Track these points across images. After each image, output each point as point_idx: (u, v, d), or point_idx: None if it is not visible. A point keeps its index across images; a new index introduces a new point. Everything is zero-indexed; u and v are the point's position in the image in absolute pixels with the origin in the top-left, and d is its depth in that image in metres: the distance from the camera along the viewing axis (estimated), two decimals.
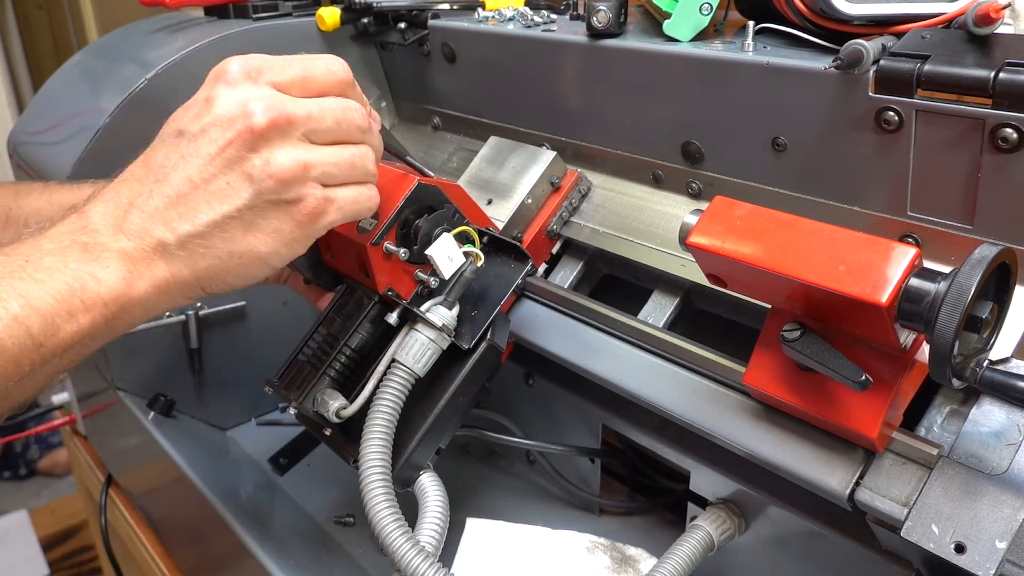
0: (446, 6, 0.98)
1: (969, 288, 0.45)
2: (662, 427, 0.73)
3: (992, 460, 0.51)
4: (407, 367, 0.66)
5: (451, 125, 1.00)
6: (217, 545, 0.88)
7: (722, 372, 0.63)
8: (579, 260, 0.83)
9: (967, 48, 0.56)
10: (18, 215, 0.79)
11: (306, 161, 0.55)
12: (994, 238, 0.56)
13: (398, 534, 0.60)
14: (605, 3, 0.75)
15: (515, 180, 0.83)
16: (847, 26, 0.64)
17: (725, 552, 0.68)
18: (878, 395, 0.52)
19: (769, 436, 0.59)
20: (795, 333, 0.53)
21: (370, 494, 0.62)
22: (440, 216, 0.70)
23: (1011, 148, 0.53)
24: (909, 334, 0.51)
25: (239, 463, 1.00)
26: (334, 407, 0.69)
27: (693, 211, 0.58)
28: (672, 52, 0.72)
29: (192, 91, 0.58)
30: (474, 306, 0.71)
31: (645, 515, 0.88)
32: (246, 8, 1.01)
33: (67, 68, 1.14)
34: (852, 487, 0.54)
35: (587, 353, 0.72)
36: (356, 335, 0.73)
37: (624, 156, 0.81)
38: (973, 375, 0.48)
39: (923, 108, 0.57)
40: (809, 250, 0.51)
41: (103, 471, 1.22)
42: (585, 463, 0.87)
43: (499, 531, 0.81)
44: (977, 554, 0.48)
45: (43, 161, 1.02)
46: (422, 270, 0.70)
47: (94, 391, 1.12)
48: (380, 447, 0.63)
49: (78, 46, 2.83)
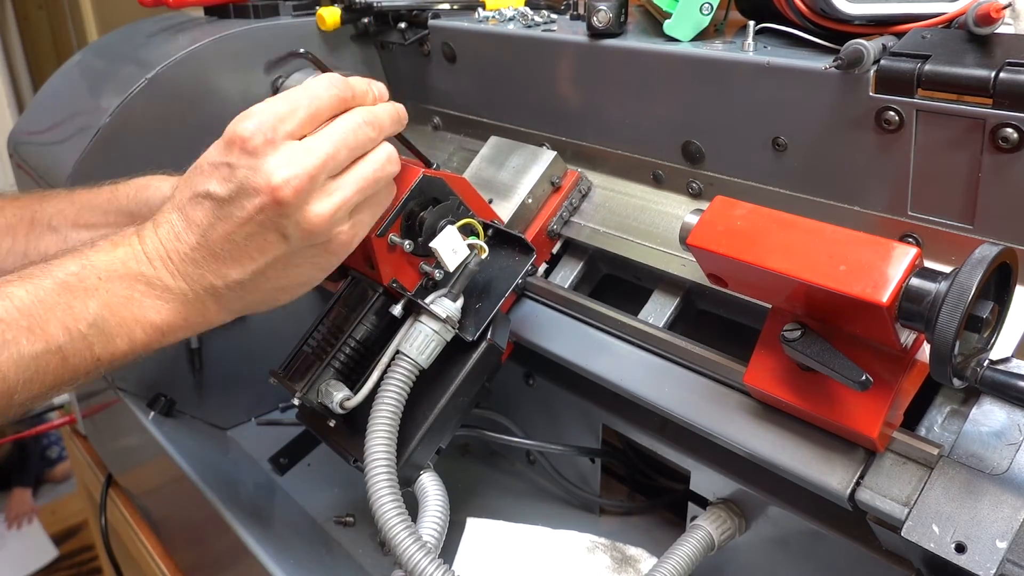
0: (446, 6, 0.98)
1: (970, 288, 0.45)
2: (662, 427, 0.73)
3: (992, 460, 0.51)
4: (411, 358, 0.66)
5: (451, 125, 1.00)
6: (217, 545, 0.88)
7: (722, 372, 0.63)
8: (579, 260, 0.83)
9: (967, 48, 0.56)
10: (42, 216, 0.82)
11: (334, 209, 0.59)
12: (994, 238, 0.56)
13: (401, 528, 0.60)
14: (605, 3, 0.75)
15: (515, 180, 0.83)
16: (847, 26, 0.64)
17: (725, 552, 0.68)
18: (878, 395, 0.52)
19: (769, 436, 0.59)
20: (795, 333, 0.53)
21: (375, 487, 0.62)
22: (445, 208, 0.70)
23: (1011, 148, 0.53)
24: (909, 334, 0.51)
25: (239, 463, 1.00)
26: (338, 398, 0.69)
27: (693, 211, 0.58)
28: (672, 52, 0.72)
29: (192, 91, 0.58)
30: (478, 298, 0.71)
31: (645, 515, 0.88)
32: (246, 8, 1.01)
33: (67, 68, 1.14)
34: (852, 487, 0.54)
35: (587, 353, 0.72)
36: (361, 327, 0.74)
37: (624, 156, 0.81)
38: (974, 375, 0.48)
39: (923, 108, 0.57)
40: (809, 250, 0.51)
41: (103, 471, 1.23)
42: (585, 463, 0.87)
43: (499, 531, 0.81)
44: (977, 554, 0.48)
45: (43, 161, 1.02)
46: (427, 262, 0.71)
47: (94, 391, 1.12)
48: (385, 438, 0.64)
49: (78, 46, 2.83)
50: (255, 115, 0.58)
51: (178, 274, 0.59)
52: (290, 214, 0.57)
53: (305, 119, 0.59)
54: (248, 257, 0.59)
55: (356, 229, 0.62)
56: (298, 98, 0.59)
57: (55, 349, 0.54)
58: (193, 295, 0.60)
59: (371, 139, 0.61)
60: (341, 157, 0.59)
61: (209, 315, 0.61)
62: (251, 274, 0.60)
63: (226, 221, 0.58)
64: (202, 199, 0.59)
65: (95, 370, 0.57)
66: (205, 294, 0.60)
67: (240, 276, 0.59)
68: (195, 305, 0.60)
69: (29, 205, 0.83)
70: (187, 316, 0.60)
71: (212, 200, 0.58)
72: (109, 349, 0.57)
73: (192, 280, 0.59)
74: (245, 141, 0.57)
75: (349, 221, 0.61)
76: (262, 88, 0.96)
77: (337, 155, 0.59)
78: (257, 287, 0.61)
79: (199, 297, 0.60)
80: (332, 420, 0.71)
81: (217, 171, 0.58)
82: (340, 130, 0.60)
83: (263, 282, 0.61)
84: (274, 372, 0.77)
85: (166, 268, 0.59)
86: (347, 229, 0.61)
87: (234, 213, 0.58)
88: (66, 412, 1.36)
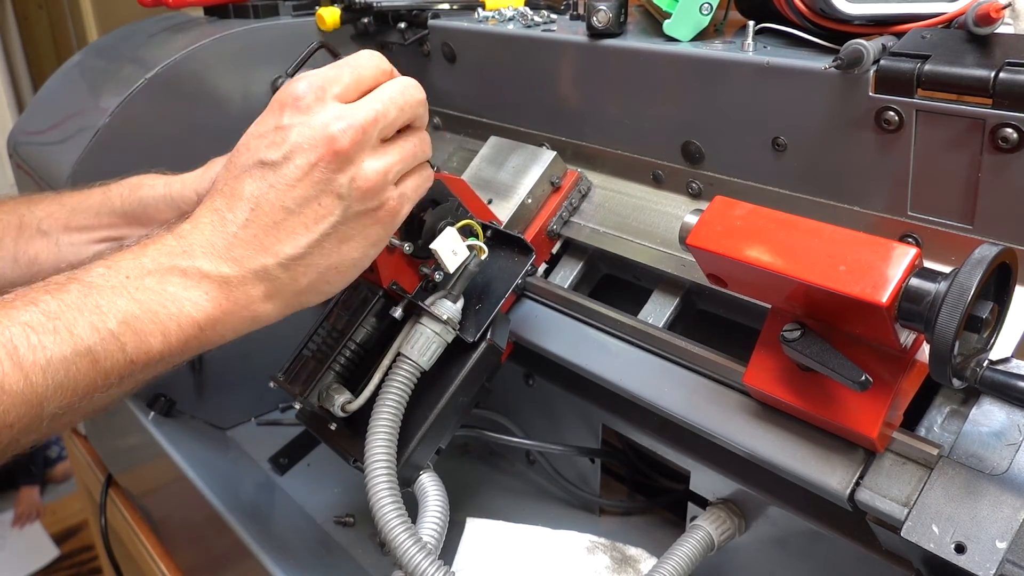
0: (446, 6, 0.98)
1: (969, 288, 0.45)
2: (662, 427, 0.72)
3: (992, 460, 0.51)
4: (412, 360, 0.66)
5: (451, 125, 1.00)
6: (217, 545, 0.88)
7: (722, 372, 0.63)
8: (579, 260, 0.83)
9: (967, 48, 0.56)
10: (31, 220, 0.80)
11: (385, 169, 0.58)
12: (994, 238, 0.56)
13: (401, 528, 0.60)
14: (605, 3, 0.75)
15: (515, 180, 0.83)
16: (847, 26, 0.64)
17: (725, 552, 0.68)
18: (878, 395, 0.52)
19: (769, 436, 0.59)
20: (795, 333, 0.53)
21: (375, 488, 0.62)
22: (444, 210, 0.70)
23: (1011, 148, 0.53)
24: (909, 334, 0.51)
25: (239, 463, 1.00)
26: (339, 401, 0.69)
27: (693, 211, 0.58)
28: (672, 52, 0.72)
29: (192, 91, 0.58)
30: (478, 300, 0.71)
31: (645, 515, 0.88)
32: (246, 8, 1.01)
33: (67, 68, 1.14)
34: (852, 487, 0.54)
35: (587, 353, 0.72)
36: (361, 329, 0.74)
37: (624, 156, 0.81)
38: (973, 375, 0.48)
39: (923, 108, 0.57)
40: (809, 250, 0.51)
41: (103, 471, 1.23)
42: (585, 463, 0.87)
43: (499, 531, 0.81)
44: (977, 554, 0.48)
45: (43, 161, 1.02)
46: (426, 264, 0.71)
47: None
48: (386, 440, 0.64)
49: (78, 46, 2.83)
50: (304, 78, 0.58)
51: (223, 259, 0.56)
52: (346, 168, 0.56)
53: (351, 83, 0.58)
54: (303, 226, 0.57)
55: (402, 200, 0.61)
56: (343, 66, 0.59)
57: (84, 351, 0.51)
58: (239, 279, 0.56)
59: (418, 103, 0.61)
60: (391, 116, 0.59)
61: (254, 306, 0.57)
62: (305, 247, 0.57)
63: (279, 186, 0.56)
64: (252, 169, 0.57)
65: (129, 374, 0.53)
66: (254, 277, 0.56)
67: (294, 250, 0.57)
68: (239, 292, 0.56)
69: (16, 209, 0.80)
70: (229, 307, 0.56)
71: (263, 167, 0.57)
72: (143, 349, 0.53)
73: (240, 263, 0.56)
74: (297, 99, 0.57)
75: (397, 189, 0.60)
76: (262, 88, 0.96)
77: (387, 113, 0.58)
78: (312, 265, 0.58)
79: (245, 281, 0.56)
80: (333, 423, 0.71)
81: (265, 139, 0.57)
82: (389, 92, 0.59)
83: (318, 257, 0.58)
84: (275, 377, 0.77)
85: (207, 257, 0.56)
86: (395, 196, 0.60)
87: (288, 174, 0.56)
88: None
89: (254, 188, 0.57)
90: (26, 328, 0.49)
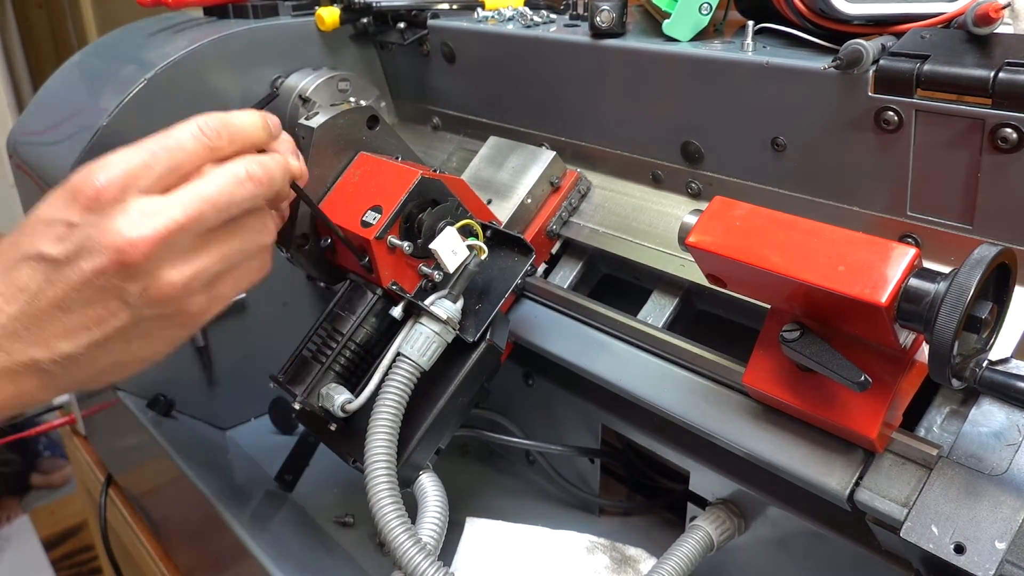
0: (446, 6, 0.98)
1: (969, 288, 0.45)
2: (662, 427, 0.72)
3: (992, 460, 0.51)
4: (412, 360, 0.66)
5: (451, 125, 1.00)
6: (217, 545, 0.88)
7: (722, 372, 0.63)
8: (579, 260, 0.83)
9: (967, 48, 0.56)
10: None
11: (191, 276, 0.52)
12: (994, 238, 0.56)
13: (400, 529, 0.60)
14: (608, 3, 0.75)
15: (515, 180, 0.83)
16: (847, 26, 0.64)
17: (725, 552, 0.68)
18: (877, 395, 0.52)
19: (769, 436, 0.59)
20: (795, 333, 0.53)
21: (374, 488, 0.62)
22: (443, 210, 0.71)
23: (1011, 148, 0.53)
24: (908, 334, 0.51)
25: (239, 463, 1.00)
26: (339, 401, 0.69)
27: (693, 211, 0.58)
28: (671, 52, 0.72)
29: (191, 91, 0.56)
30: (478, 299, 0.71)
31: (645, 515, 0.88)
32: (245, 8, 1.01)
33: (67, 68, 1.14)
34: (852, 487, 0.54)
35: (587, 353, 0.72)
36: (360, 329, 0.74)
37: (624, 156, 0.81)
38: (973, 375, 0.48)
39: (923, 108, 0.57)
40: (808, 250, 0.51)
41: (103, 471, 1.22)
42: (585, 463, 0.87)
43: (499, 531, 0.81)
44: (976, 554, 0.48)
45: (43, 161, 1.02)
46: (426, 264, 0.70)
47: (94, 391, 1.12)
48: (385, 441, 0.64)
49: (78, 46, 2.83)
50: (103, 167, 0.50)
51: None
52: (137, 279, 0.50)
53: (164, 172, 0.51)
54: (83, 327, 0.51)
55: (212, 304, 0.54)
56: (155, 148, 0.51)
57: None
58: (7, 370, 0.51)
59: (252, 196, 0.54)
60: (207, 218, 0.52)
61: (26, 396, 0.52)
62: (85, 347, 0.51)
63: (58, 285, 0.50)
64: (31, 261, 0.50)
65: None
66: (24, 370, 0.51)
67: (71, 349, 0.51)
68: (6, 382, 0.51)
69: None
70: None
71: (44, 262, 0.50)
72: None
73: (11, 354, 0.50)
74: (94, 195, 0.49)
75: (206, 293, 0.54)
76: (261, 88, 0.96)
77: (202, 216, 0.51)
78: (91, 362, 0.52)
79: (17, 372, 0.51)
80: (333, 424, 0.71)
81: (51, 229, 0.50)
82: (210, 186, 0.52)
83: (100, 356, 0.52)
84: (274, 378, 0.77)
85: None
86: (201, 301, 0.53)
87: (69, 276, 0.50)
88: (66, 412, 1.36)
89: (31, 280, 0.50)
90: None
